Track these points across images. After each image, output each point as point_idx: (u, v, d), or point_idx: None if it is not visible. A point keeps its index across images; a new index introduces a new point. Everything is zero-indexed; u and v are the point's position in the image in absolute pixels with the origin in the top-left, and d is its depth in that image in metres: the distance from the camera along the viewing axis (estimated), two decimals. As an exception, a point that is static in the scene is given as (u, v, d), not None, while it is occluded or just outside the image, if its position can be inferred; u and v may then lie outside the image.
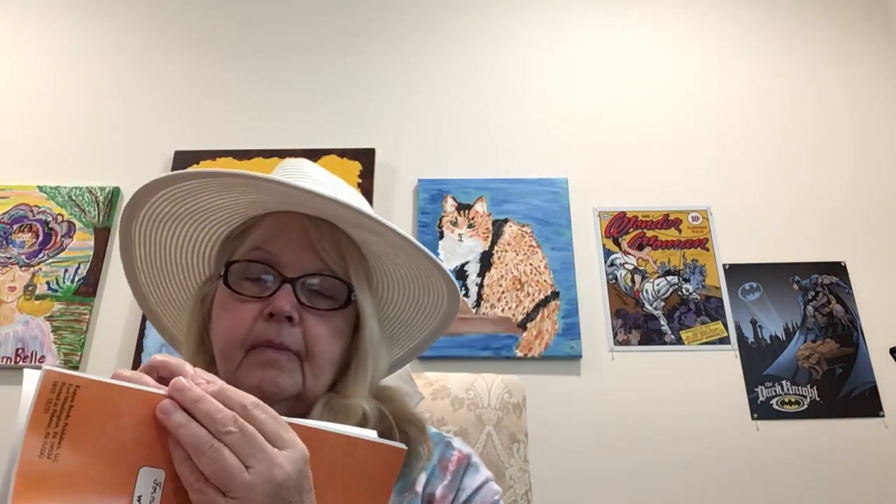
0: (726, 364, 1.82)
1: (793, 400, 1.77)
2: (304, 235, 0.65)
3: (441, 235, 1.98)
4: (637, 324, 1.87)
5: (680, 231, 1.99)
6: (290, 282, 0.62)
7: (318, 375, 0.63)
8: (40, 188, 2.05)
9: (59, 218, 2.01)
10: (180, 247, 0.74)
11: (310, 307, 0.63)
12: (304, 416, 0.62)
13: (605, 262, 1.96)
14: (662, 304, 1.89)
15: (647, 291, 1.91)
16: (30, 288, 1.92)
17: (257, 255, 0.64)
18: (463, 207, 2.02)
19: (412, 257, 0.69)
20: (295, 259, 0.64)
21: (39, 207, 2.03)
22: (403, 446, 0.46)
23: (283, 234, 0.65)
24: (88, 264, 1.95)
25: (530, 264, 1.93)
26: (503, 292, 1.90)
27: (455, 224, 1.99)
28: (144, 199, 0.67)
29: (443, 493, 0.65)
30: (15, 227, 2.00)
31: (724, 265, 1.94)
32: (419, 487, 0.64)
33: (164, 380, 0.42)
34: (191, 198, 0.67)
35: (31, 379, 0.37)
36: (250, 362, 0.61)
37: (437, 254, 1.91)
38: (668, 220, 2.00)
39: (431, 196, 2.03)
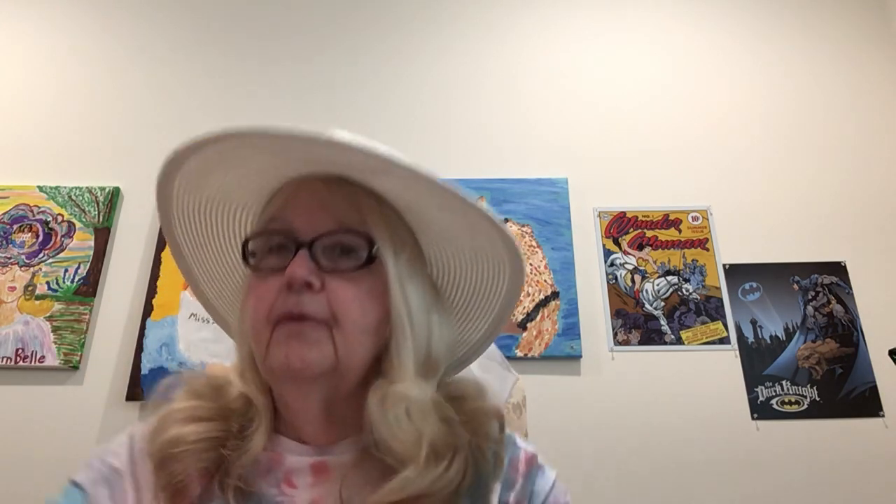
0: (726, 364, 1.82)
1: (793, 400, 1.77)
2: (317, 196, 0.60)
3: (441, 235, 1.98)
4: (637, 324, 1.87)
5: (680, 231, 1.99)
6: (305, 245, 0.57)
7: (352, 345, 0.56)
8: (40, 188, 2.05)
9: (59, 218, 2.01)
10: (224, 240, 0.68)
11: (332, 270, 0.57)
12: (348, 398, 0.58)
13: (605, 262, 1.96)
14: (662, 304, 1.89)
15: (647, 291, 1.91)
16: (30, 288, 1.92)
17: (270, 225, 0.60)
18: (463, 207, 2.01)
19: (437, 197, 0.59)
20: (307, 222, 0.58)
21: (39, 207, 2.03)
22: None
23: (295, 199, 0.60)
24: (88, 264, 1.95)
25: (530, 264, 1.93)
26: (503, 292, 1.90)
27: (455, 224, 1.99)
28: (168, 193, 0.64)
29: (516, 500, 0.59)
30: (15, 227, 2.00)
31: (724, 265, 1.94)
32: (495, 501, 0.58)
33: None
34: (203, 182, 0.63)
35: None
36: (275, 340, 0.56)
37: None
38: (668, 220, 2.00)
39: (431, 196, 2.03)
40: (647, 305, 1.89)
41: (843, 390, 1.78)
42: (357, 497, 0.54)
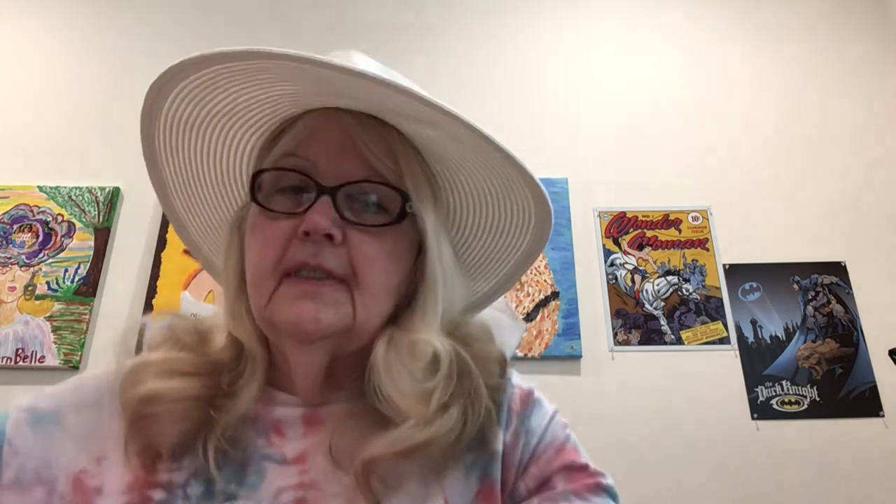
0: (726, 364, 1.82)
1: (793, 400, 1.77)
2: (346, 135, 0.53)
3: (441, 235, 1.98)
4: (637, 324, 1.87)
5: (680, 231, 1.99)
6: (329, 192, 0.50)
7: (372, 306, 0.51)
8: (40, 188, 2.05)
9: (59, 218, 2.01)
10: (212, 162, 0.60)
11: (355, 223, 0.51)
12: (357, 355, 0.53)
13: (605, 262, 1.96)
14: (662, 304, 1.89)
15: (647, 291, 1.91)
16: (30, 288, 1.92)
17: (289, 161, 0.53)
18: (463, 207, 2.02)
19: (483, 156, 0.55)
20: (334, 164, 0.52)
21: (39, 207, 2.03)
22: None
23: (320, 135, 0.53)
24: (88, 264, 1.95)
25: (530, 264, 1.93)
26: (503, 292, 1.90)
27: (455, 224, 1.99)
28: (162, 98, 0.56)
29: (511, 440, 0.54)
30: (15, 227, 2.01)
31: (724, 265, 1.94)
32: (499, 446, 0.53)
33: None
34: (209, 95, 0.55)
35: None
36: (284, 294, 0.49)
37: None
38: (668, 220, 2.00)
39: (431, 196, 2.03)
40: (647, 305, 1.89)
41: (843, 390, 1.78)
42: (351, 448, 0.49)
